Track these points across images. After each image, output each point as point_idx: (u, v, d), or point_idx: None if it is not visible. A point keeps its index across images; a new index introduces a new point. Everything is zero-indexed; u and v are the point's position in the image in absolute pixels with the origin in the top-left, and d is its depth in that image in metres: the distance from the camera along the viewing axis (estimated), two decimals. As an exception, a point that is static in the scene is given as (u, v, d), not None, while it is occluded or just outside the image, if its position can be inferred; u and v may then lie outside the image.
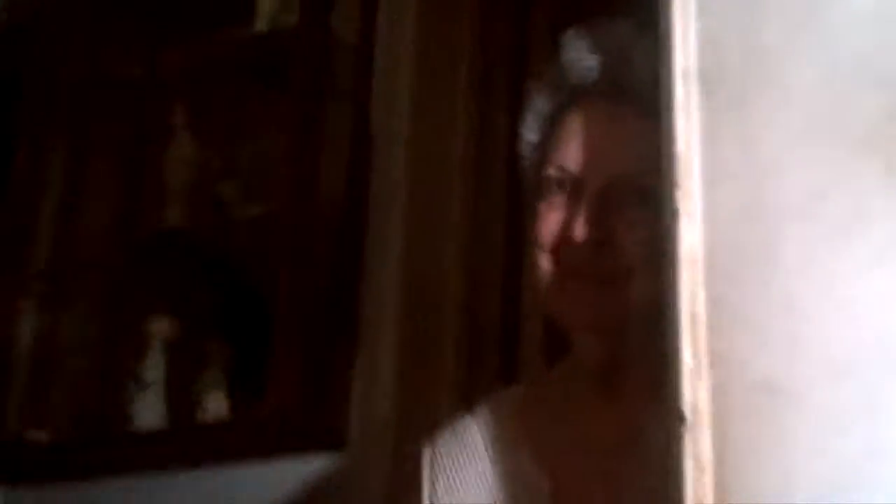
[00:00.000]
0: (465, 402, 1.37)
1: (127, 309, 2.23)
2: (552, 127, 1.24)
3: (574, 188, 1.16)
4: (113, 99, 2.45)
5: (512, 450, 1.20)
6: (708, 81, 0.95)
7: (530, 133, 1.27)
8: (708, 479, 0.82)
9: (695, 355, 0.87)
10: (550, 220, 1.17)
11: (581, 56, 1.21)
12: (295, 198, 1.96)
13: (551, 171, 1.19)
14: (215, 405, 1.99)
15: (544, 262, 1.17)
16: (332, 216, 1.98)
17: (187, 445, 1.99)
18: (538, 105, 1.26)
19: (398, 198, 1.91)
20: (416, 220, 1.90)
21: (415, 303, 1.86)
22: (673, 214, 0.92)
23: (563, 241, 1.15)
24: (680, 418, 0.85)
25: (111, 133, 2.45)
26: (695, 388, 0.86)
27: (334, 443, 1.82)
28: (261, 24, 2.26)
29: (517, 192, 1.84)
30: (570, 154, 1.18)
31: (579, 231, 1.13)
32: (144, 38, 2.51)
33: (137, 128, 2.42)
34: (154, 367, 2.12)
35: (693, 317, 0.89)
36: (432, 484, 1.22)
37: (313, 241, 1.93)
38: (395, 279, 1.86)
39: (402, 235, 1.89)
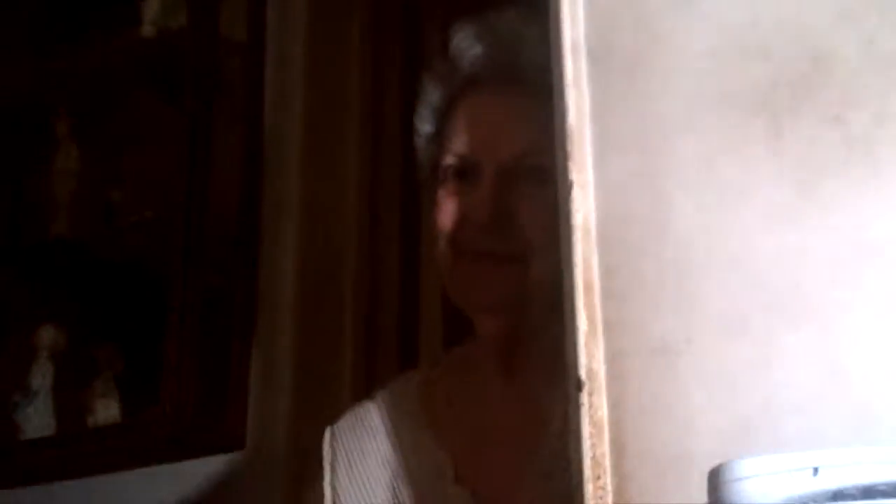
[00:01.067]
0: (365, 394, 1.35)
1: (13, 319, 2.17)
2: (446, 117, 1.26)
3: (472, 173, 1.17)
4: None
5: (412, 429, 1.20)
6: (597, 55, 0.97)
7: (425, 125, 1.28)
8: (605, 439, 0.82)
9: (590, 321, 0.88)
10: (449, 206, 1.18)
11: (469, 45, 1.22)
12: (187, 201, 1.93)
13: (448, 160, 1.20)
14: (106, 412, 1.94)
15: (444, 247, 1.18)
16: (225, 217, 1.95)
17: (78, 451, 1.94)
18: (431, 97, 1.27)
19: (292, 196, 1.90)
20: (311, 217, 1.88)
21: (311, 300, 1.84)
22: (566, 186, 0.93)
23: (463, 224, 1.16)
24: (577, 383, 0.85)
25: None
26: (591, 354, 0.86)
27: (232, 444, 1.79)
28: (147, 29, 2.22)
29: (412, 183, 1.84)
30: (466, 140, 1.20)
31: (479, 212, 1.14)
32: (25, 47, 2.44)
33: (20, 139, 2.35)
34: (41, 376, 2.07)
35: (587, 284, 0.89)
36: (332, 464, 1.21)
37: (206, 243, 1.90)
38: (290, 277, 1.84)
39: (297, 233, 1.87)
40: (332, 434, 1.24)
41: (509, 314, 1.17)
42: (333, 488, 1.20)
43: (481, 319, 1.21)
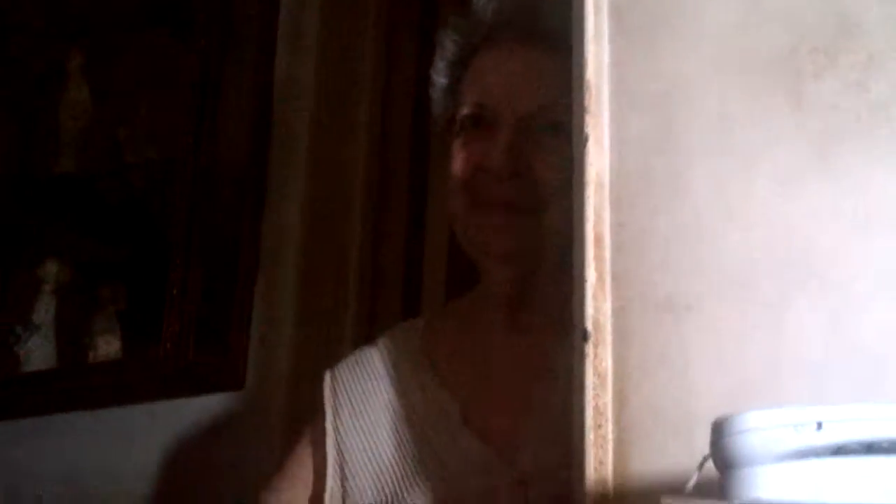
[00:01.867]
0: (367, 339, 1.35)
1: (18, 251, 2.17)
2: (463, 69, 1.25)
3: (488, 123, 1.17)
4: (7, 43, 2.38)
5: (415, 375, 1.20)
6: (619, 11, 0.96)
7: (440, 77, 1.28)
8: (608, 390, 0.83)
9: (599, 274, 0.88)
10: (464, 155, 1.18)
11: None
12: (195, 143, 1.92)
13: (465, 109, 1.20)
14: (107, 348, 1.95)
15: (458, 197, 1.18)
16: (233, 160, 1.95)
17: (78, 385, 1.94)
18: (448, 49, 1.27)
19: (301, 141, 1.89)
20: (320, 162, 1.88)
21: (316, 245, 1.84)
22: (582, 140, 0.93)
23: (478, 173, 1.16)
24: (583, 334, 0.86)
25: (4, 77, 2.37)
26: (598, 306, 0.87)
27: (231, 384, 1.79)
28: (163, -30, 2.21)
29: (423, 132, 1.84)
30: (484, 91, 1.20)
31: (496, 161, 1.14)
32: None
33: (32, 72, 2.34)
34: (44, 310, 2.07)
35: (598, 238, 0.90)
36: (334, 406, 1.21)
37: (212, 185, 1.90)
38: (296, 222, 1.83)
39: (305, 177, 1.86)
40: (333, 376, 1.24)
41: (521, 264, 1.17)
42: (336, 429, 1.20)
43: (492, 269, 1.21)
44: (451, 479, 1.11)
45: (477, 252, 1.20)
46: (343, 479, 1.17)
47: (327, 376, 1.25)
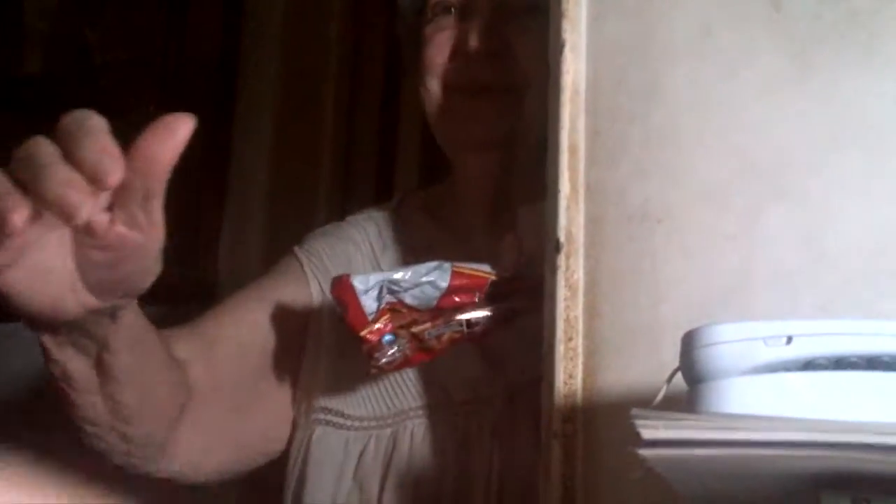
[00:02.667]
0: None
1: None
2: None
3: (465, 7, 1.13)
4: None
5: (392, 248, 1.17)
6: (598, -88, 0.93)
7: None
8: (579, 302, 0.83)
9: (573, 185, 0.87)
10: (440, 41, 1.14)
11: None
12: (164, 43, 1.88)
13: None
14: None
15: (434, 84, 1.14)
16: (204, 61, 1.91)
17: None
18: None
19: (274, 38, 1.85)
20: (292, 55, 1.84)
21: (288, 143, 1.81)
22: (558, 45, 0.91)
23: (456, 57, 1.13)
24: (555, 245, 0.85)
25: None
26: (571, 217, 0.86)
27: (202, 293, 1.78)
28: None
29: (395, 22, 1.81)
30: None
31: (474, 43, 1.10)
32: None
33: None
34: (12, 213, 2.04)
35: (573, 147, 0.88)
36: (309, 258, 1.17)
37: (182, 87, 1.86)
38: (268, 117, 1.80)
39: (278, 72, 1.83)
40: (303, 248, 1.20)
41: (499, 151, 1.14)
42: (317, 281, 1.16)
43: (469, 157, 1.17)
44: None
45: (454, 139, 1.16)
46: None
47: (296, 249, 1.20)
